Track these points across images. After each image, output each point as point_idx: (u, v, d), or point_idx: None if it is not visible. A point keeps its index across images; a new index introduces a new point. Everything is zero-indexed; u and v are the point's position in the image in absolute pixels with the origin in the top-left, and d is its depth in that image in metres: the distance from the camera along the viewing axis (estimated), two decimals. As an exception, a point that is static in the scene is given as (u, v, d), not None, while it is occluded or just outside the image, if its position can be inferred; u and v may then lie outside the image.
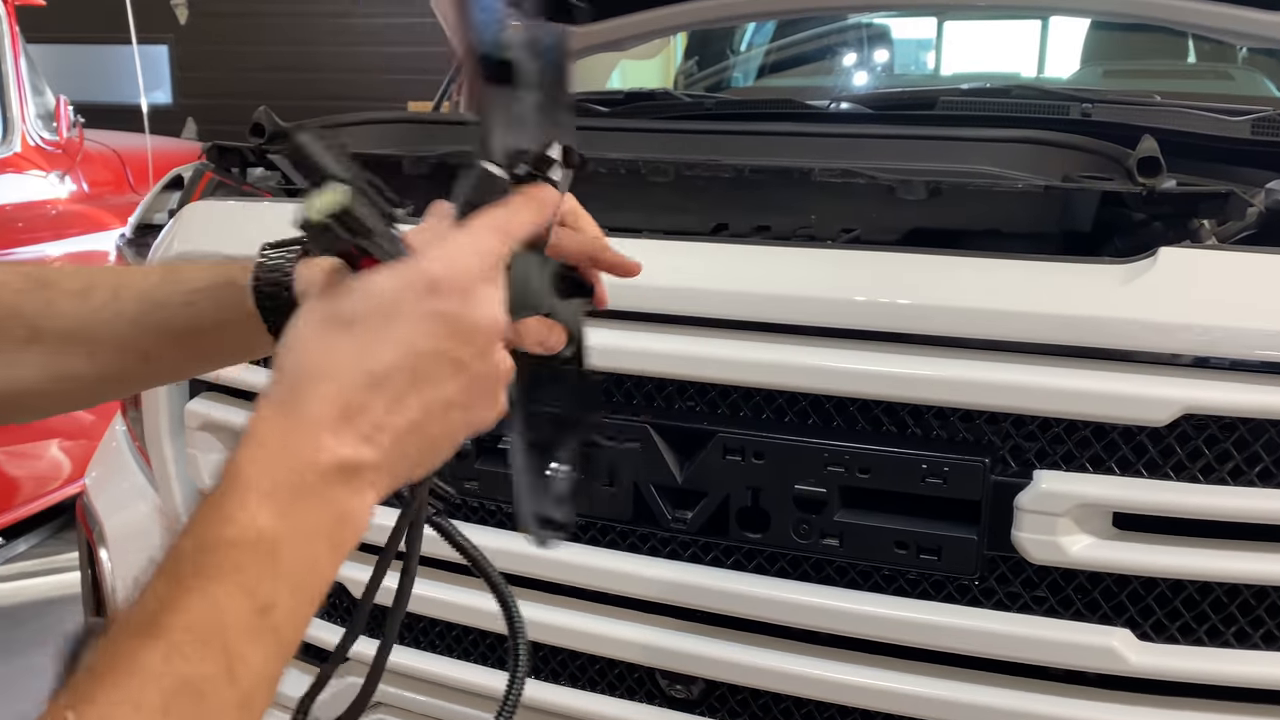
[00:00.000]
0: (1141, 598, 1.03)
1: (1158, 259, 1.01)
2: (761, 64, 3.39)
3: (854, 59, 3.33)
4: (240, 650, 0.51)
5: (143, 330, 0.79)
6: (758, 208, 1.32)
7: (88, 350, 0.79)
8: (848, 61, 3.33)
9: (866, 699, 1.10)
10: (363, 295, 0.59)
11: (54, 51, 6.44)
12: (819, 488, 1.07)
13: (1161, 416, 0.97)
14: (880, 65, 3.50)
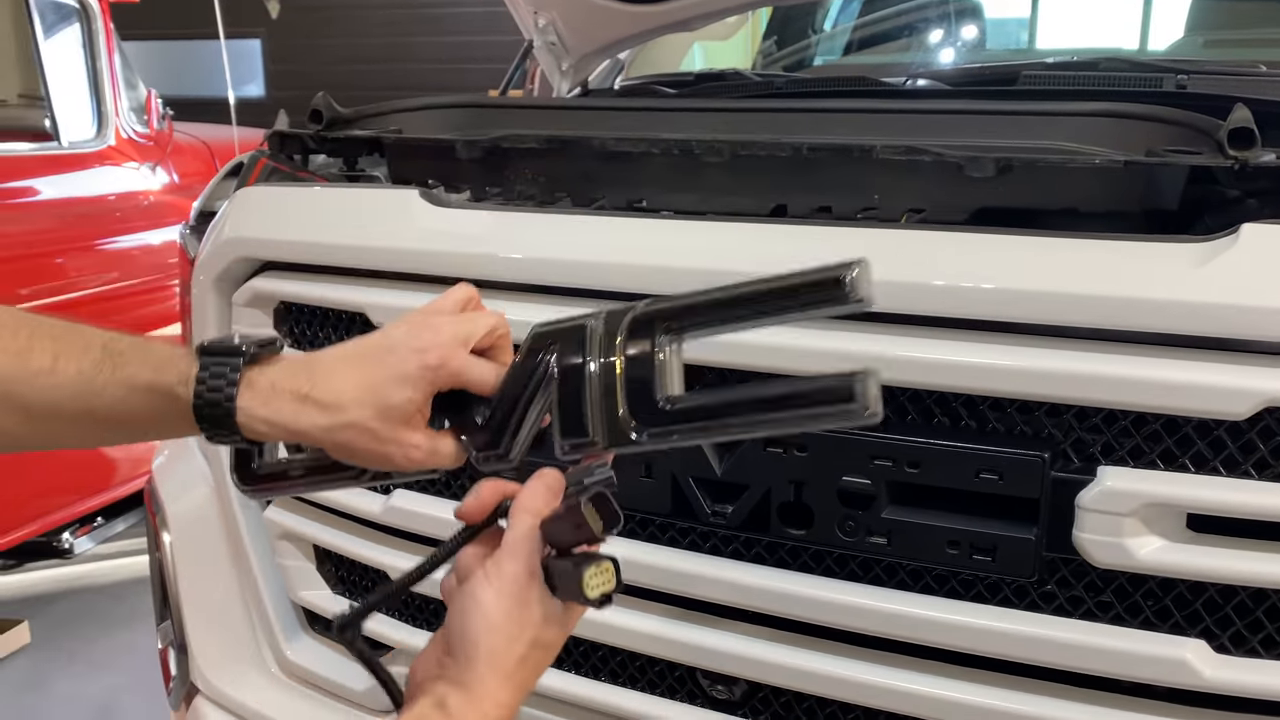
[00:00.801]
0: (1219, 607, 0.95)
1: (1240, 236, 0.92)
2: (847, 41, 3.29)
3: (941, 35, 3.21)
4: None
5: (75, 410, 0.84)
6: (818, 188, 1.26)
7: (23, 414, 0.83)
8: (934, 38, 3.21)
9: (914, 706, 1.04)
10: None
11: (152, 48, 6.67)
12: (865, 482, 1.01)
13: (1242, 409, 0.89)
14: (969, 41, 3.37)
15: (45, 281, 3.22)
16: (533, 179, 1.39)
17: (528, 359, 0.89)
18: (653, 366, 0.83)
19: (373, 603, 0.92)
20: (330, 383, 0.85)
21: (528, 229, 1.20)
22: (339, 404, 0.84)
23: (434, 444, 0.88)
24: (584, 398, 0.85)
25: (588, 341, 0.86)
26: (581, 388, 0.85)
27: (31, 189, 3.27)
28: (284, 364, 0.87)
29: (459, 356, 0.87)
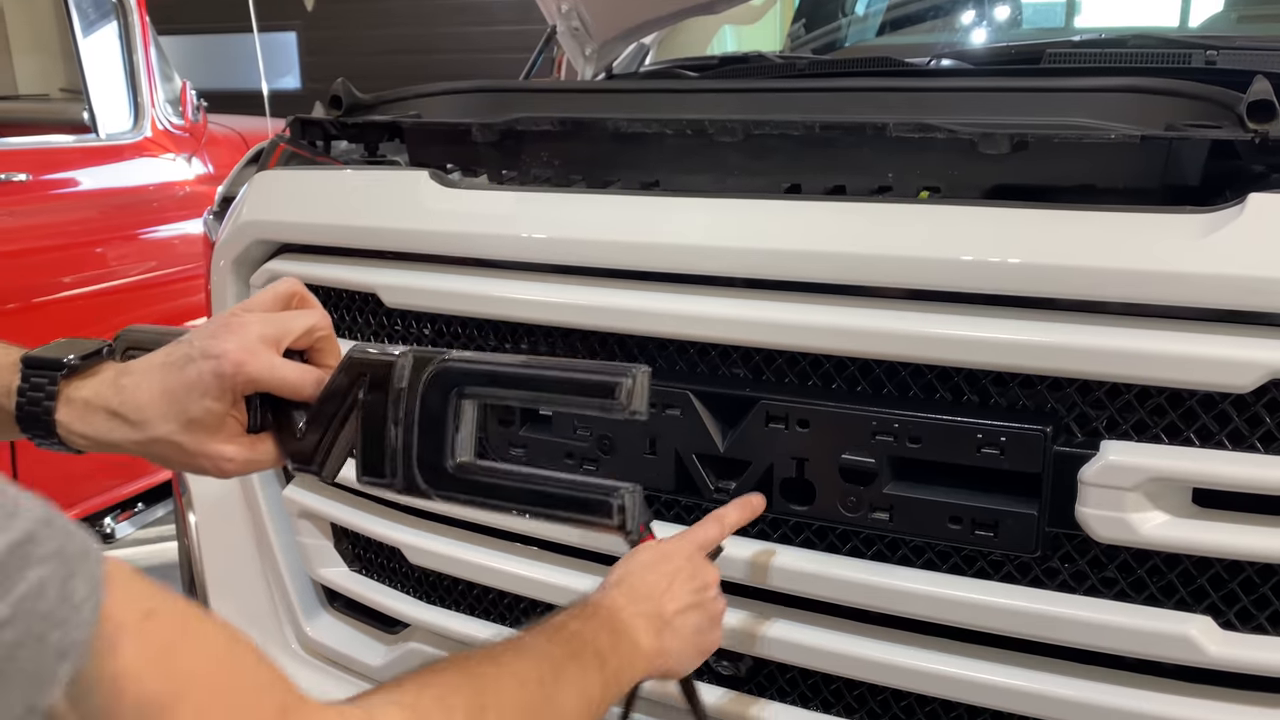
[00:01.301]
0: (1225, 583, 0.94)
1: (1245, 206, 0.90)
2: (880, 23, 3.26)
3: (973, 15, 3.16)
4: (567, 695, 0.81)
5: None
6: (831, 167, 1.25)
7: None
8: (966, 18, 3.17)
9: (918, 682, 1.04)
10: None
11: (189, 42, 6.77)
12: (867, 458, 1.01)
13: (1246, 381, 0.87)
14: (1003, 21, 3.32)
15: (86, 270, 3.28)
16: (548, 162, 1.39)
17: (340, 383, 0.91)
18: (445, 427, 0.89)
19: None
20: (136, 397, 0.86)
21: (532, 208, 1.21)
22: (144, 420, 0.86)
23: (250, 453, 0.90)
24: (385, 440, 0.90)
25: (393, 383, 0.90)
26: (384, 430, 0.90)
27: (72, 180, 3.34)
28: (100, 377, 0.89)
29: (259, 361, 0.87)
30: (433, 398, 0.88)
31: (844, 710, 1.13)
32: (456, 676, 0.73)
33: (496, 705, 0.73)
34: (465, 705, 0.70)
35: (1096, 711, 0.96)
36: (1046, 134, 1.10)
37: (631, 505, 0.90)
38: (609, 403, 0.86)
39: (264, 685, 0.58)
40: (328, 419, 0.91)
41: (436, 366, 0.89)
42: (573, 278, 1.16)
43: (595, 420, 1.13)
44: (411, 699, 0.68)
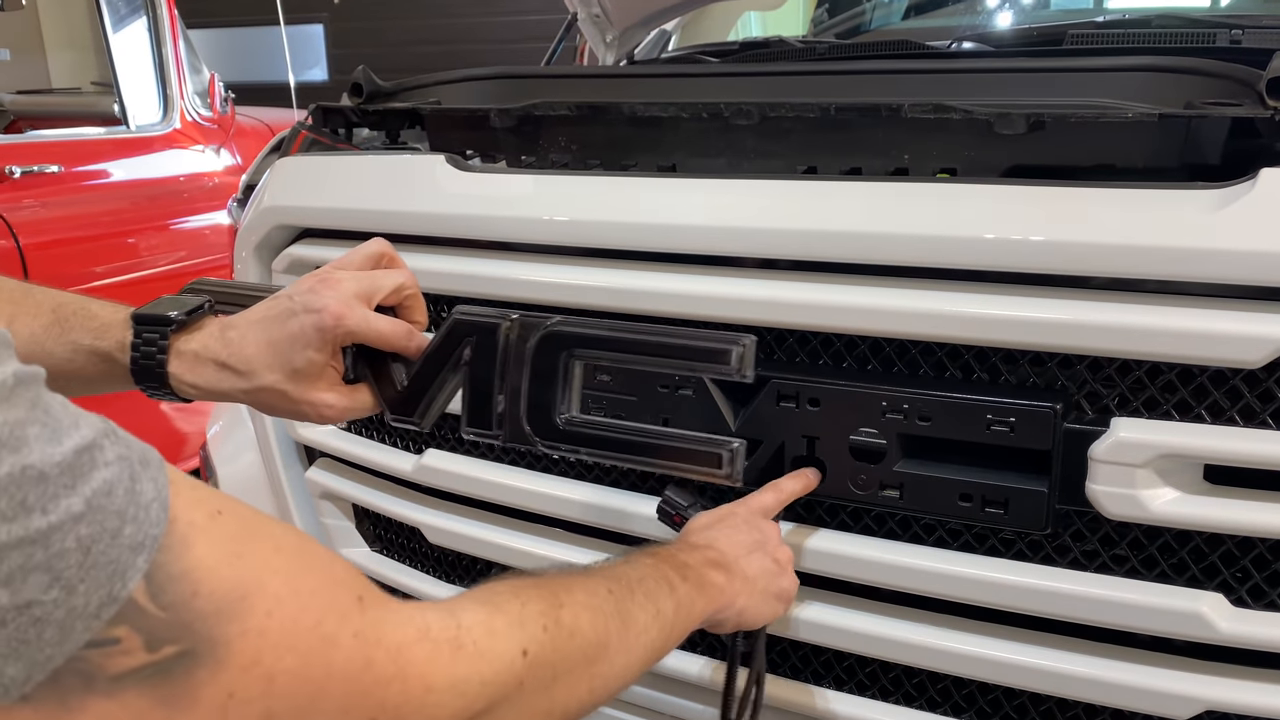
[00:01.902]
0: (1236, 559, 0.93)
1: (1258, 181, 0.90)
2: (906, 6, 3.23)
3: (1000, -1, 3.13)
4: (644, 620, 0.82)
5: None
6: (847, 149, 1.25)
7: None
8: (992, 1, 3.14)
9: (929, 659, 1.04)
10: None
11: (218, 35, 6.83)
12: (877, 436, 1.01)
13: (1257, 357, 0.87)
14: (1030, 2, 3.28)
15: (118, 260, 3.34)
16: (566, 146, 1.40)
17: (445, 343, 0.97)
18: (555, 384, 0.95)
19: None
20: (243, 349, 0.92)
21: (546, 191, 1.22)
22: (251, 369, 0.92)
23: (349, 401, 0.96)
24: (492, 395, 0.96)
25: (500, 344, 0.96)
26: (491, 386, 0.96)
27: (103, 171, 3.39)
28: (206, 331, 0.95)
29: (355, 314, 0.93)
30: (542, 358, 0.94)
31: (856, 687, 1.13)
32: (529, 581, 0.75)
33: (570, 604, 0.73)
34: (540, 600, 0.71)
35: (1107, 688, 0.97)
36: (1063, 114, 1.10)
37: (739, 457, 0.96)
38: (722, 367, 0.94)
39: (339, 578, 0.59)
40: (428, 377, 0.97)
41: (546, 329, 0.94)
42: (587, 259, 1.17)
43: (609, 401, 1.14)
44: (488, 595, 0.69)
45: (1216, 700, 0.93)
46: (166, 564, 0.50)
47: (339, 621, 0.56)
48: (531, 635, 0.68)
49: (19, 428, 0.46)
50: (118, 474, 0.50)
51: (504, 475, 1.25)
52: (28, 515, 0.45)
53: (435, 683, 0.60)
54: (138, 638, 0.49)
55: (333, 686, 0.55)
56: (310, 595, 0.56)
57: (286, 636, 0.54)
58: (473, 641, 0.63)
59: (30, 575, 0.45)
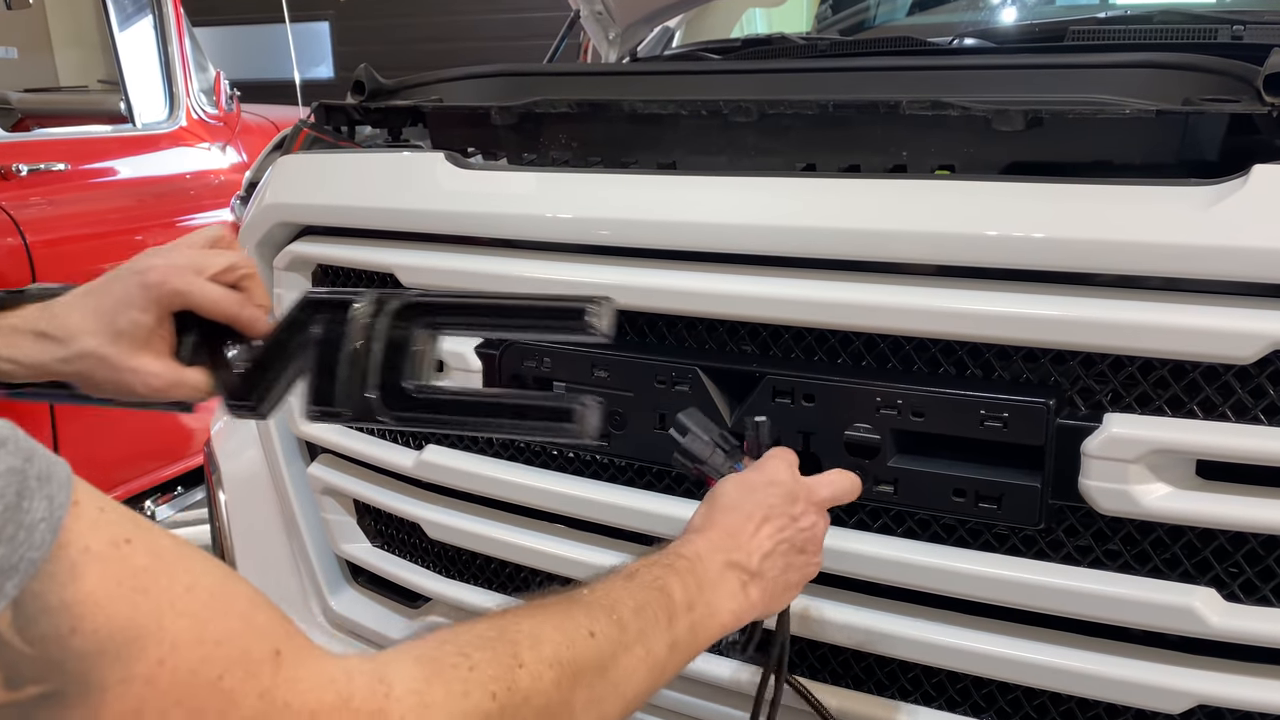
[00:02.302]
0: (1228, 554, 0.94)
1: (1250, 178, 0.90)
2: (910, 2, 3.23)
3: (1005, -8, 3.12)
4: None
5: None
6: (846, 146, 1.26)
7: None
8: (996, -3, 3.13)
9: (922, 653, 1.05)
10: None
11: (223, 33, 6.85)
12: (871, 431, 1.02)
13: (1248, 352, 0.87)
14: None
15: (124, 257, 3.35)
16: (566, 144, 1.41)
17: (294, 323, 0.92)
18: (407, 354, 0.89)
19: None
20: (65, 319, 0.89)
21: (544, 188, 1.22)
22: (71, 335, 0.88)
23: (177, 375, 0.91)
24: (338, 371, 0.90)
25: (351, 319, 0.90)
26: (336, 361, 0.90)
27: (109, 169, 3.41)
28: (29, 308, 0.91)
29: (183, 277, 0.90)
30: (396, 329, 0.89)
31: (853, 682, 1.14)
32: (489, 630, 0.65)
33: (533, 662, 0.64)
34: (494, 661, 0.62)
35: (1101, 682, 0.97)
36: (1061, 110, 1.10)
37: (591, 413, 0.88)
38: (578, 324, 0.87)
39: (258, 626, 0.53)
40: (274, 356, 0.92)
41: (402, 300, 0.90)
42: (584, 256, 1.18)
43: (606, 396, 1.14)
44: (433, 651, 0.61)
45: (1209, 695, 0.93)
46: (43, 593, 0.45)
47: (245, 677, 0.50)
48: (476, 705, 0.59)
49: None
50: (2, 488, 0.45)
51: (504, 471, 1.26)
52: None
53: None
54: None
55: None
56: (216, 644, 0.50)
57: (179, 688, 0.48)
58: (400, 716, 0.55)
59: None
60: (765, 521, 0.89)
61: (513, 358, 1.20)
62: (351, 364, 0.89)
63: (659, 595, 0.79)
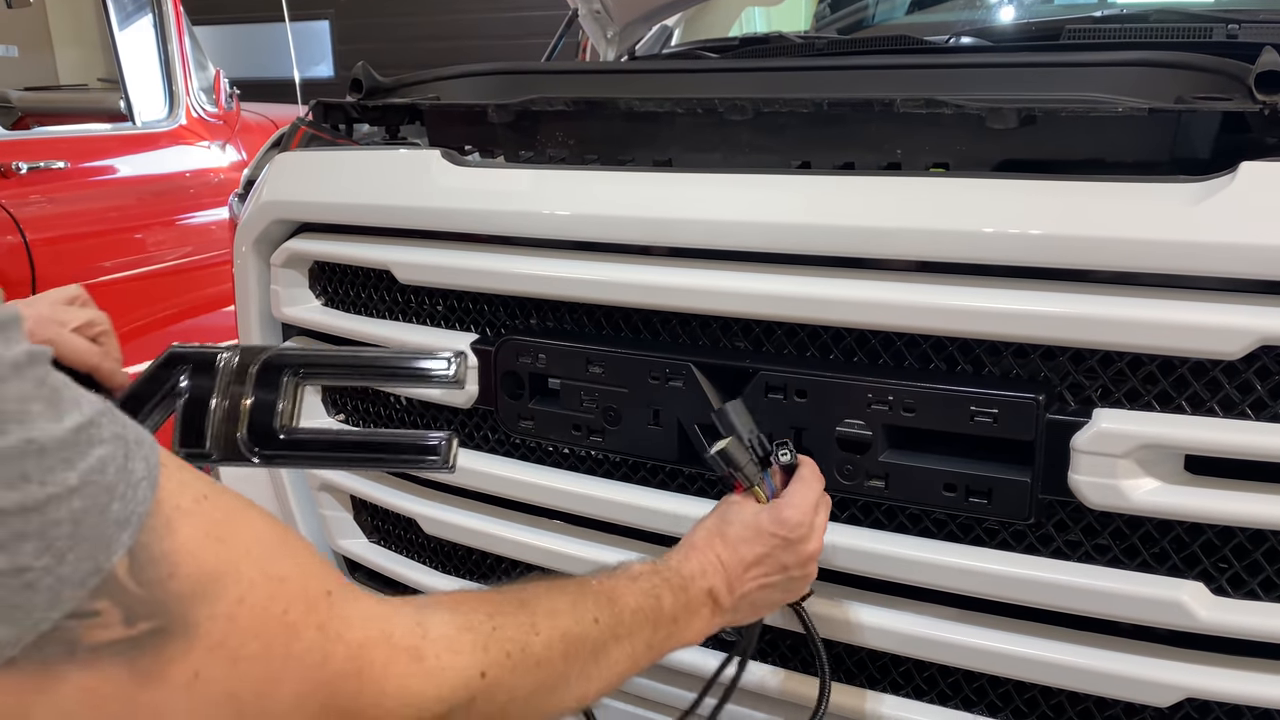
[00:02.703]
0: (1216, 548, 0.94)
1: (1237, 175, 0.91)
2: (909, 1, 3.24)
3: (1002, -9, 3.13)
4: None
5: None
6: (840, 144, 1.26)
7: None
8: (993, -5, 3.14)
9: (913, 647, 1.05)
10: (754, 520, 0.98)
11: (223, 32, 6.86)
12: (863, 426, 1.02)
13: (1236, 348, 0.88)
14: (1032, -2, 3.28)
15: (124, 255, 3.36)
16: (563, 142, 1.42)
17: (159, 372, 0.98)
18: (277, 400, 0.96)
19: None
20: None
21: (539, 185, 1.23)
22: None
23: None
24: (207, 416, 0.96)
25: (220, 370, 0.97)
26: (205, 407, 0.96)
27: (109, 167, 3.42)
28: None
29: (49, 329, 0.99)
30: (263, 377, 0.96)
31: (844, 676, 1.15)
32: (514, 598, 0.76)
33: (548, 631, 0.75)
34: (516, 625, 0.72)
35: (1089, 675, 0.98)
36: (1054, 108, 1.11)
37: (452, 446, 0.96)
38: (434, 378, 0.98)
39: (312, 570, 0.61)
40: (137, 405, 0.98)
41: (269, 354, 0.98)
42: (579, 253, 1.19)
43: (601, 392, 1.16)
44: (465, 607, 0.71)
45: (1196, 687, 0.94)
46: (149, 544, 0.53)
47: (305, 612, 0.58)
48: (494, 659, 0.69)
49: (25, 403, 0.49)
50: (112, 451, 0.52)
51: (500, 467, 1.27)
52: (26, 485, 0.48)
53: (388, 688, 0.62)
54: (117, 612, 0.51)
55: (290, 674, 0.57)
56: (281, 584, 0.58)
57: (254, 623, 0.56)
58: (435, 655, 0.65)
59: (25, 542, 0.48)
60: (757, 565, 0.96)
61: (508, 354, 1.21)
62: (221, 410, 0.96)
63: (653, 602, 0.88)
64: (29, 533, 0.48)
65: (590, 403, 1.17)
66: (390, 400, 1.41)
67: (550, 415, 1.20)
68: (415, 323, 1.35)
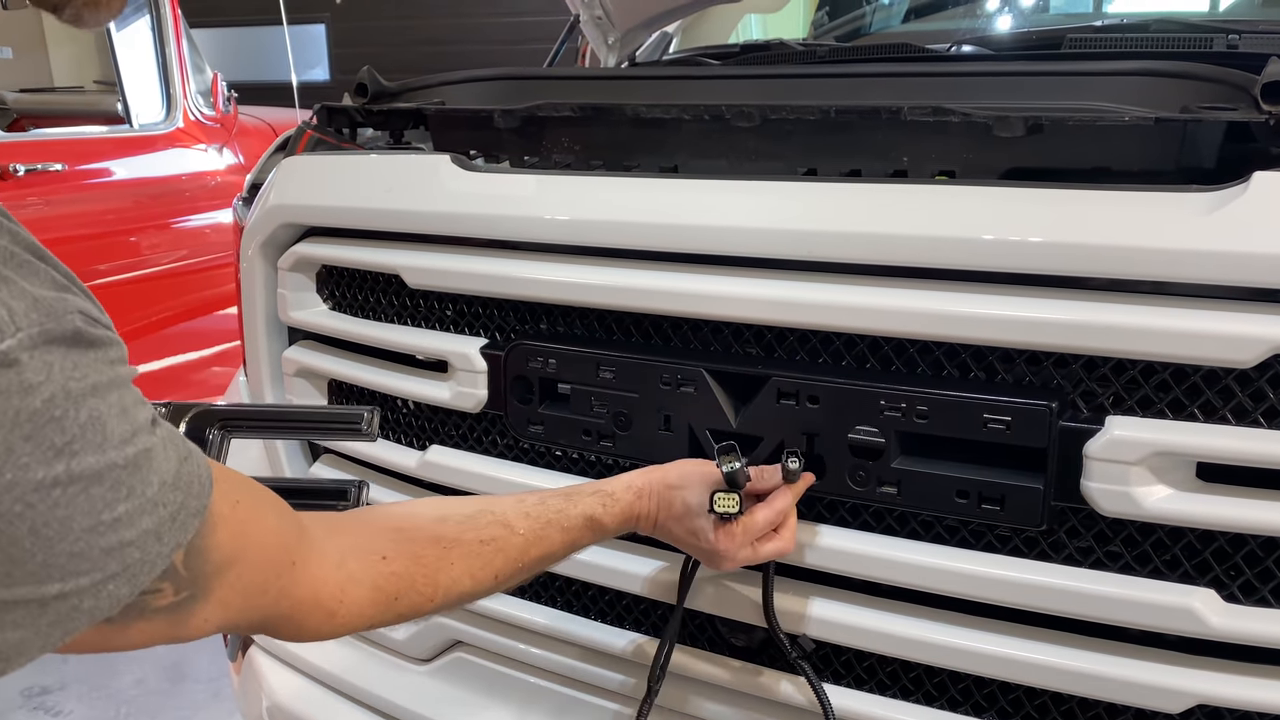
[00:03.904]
0: (1228, 556, 0.95)
1: (1250, 184, 0.91)
2: (906, 10, 3.25)
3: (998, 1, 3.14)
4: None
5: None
6: (847, 151, 1.26)
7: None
8: (992, 4, 3.16)
9: (924, 653, 1.06)
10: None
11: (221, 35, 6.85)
12: (875, 433, 1.03)
13: (1248, 357, 0.89)
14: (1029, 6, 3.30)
15: (121, 258, 3.36)
16: (569, 147, 1.42)
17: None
18: (204, 451, 1.01)
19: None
20: None
21: (548, 190, 1.23)
22: None
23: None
24: None
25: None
26: None
27: (106, 170, 3.41)
28: None
29: None
30: (191, 432, 1.03)
31: (854, 682, 1.15)
32: (429, 558, 0.90)
33: (444, 597, 0.90)
34: (416, 595, 0.88)
35: (1101, 682, 0.98)
36: (1061, 117, 1.11)
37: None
38: (351, 431, 1.07)
39: (290, 545, 0.78)
40: None
41: (197, 410, 1.04)
42: (589, 258, 1.19)
43: (611, 397, 1.16)
44: (385, 569, 0.86)
45: (1208, 694, 0.94)
46: (196, 541, 0.67)
47: (275, 578, 0.77)
48: (385, 615, 0.86)
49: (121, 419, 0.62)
50: (179, 443, 0.66)
51: (505, 470, 1.27)
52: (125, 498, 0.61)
53: (305, 625, 0.80)
54: (171, 588, 0.68)
55: (254, 613, 0.76)
56: (269, 564, 0.76)
57: (245, 587, 0.73)
58: (344, 614, 0.83)
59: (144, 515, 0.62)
60: (672, 536, 1.07)
61: (517, 358, 1.21)
62: None
63: (566, 550, 1.01)
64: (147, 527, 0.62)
65: (600, 408, 1.17)
66: (399, 404, 1.41)
67: (560, 420, 1.20)
68: (424, 327, 1.35)
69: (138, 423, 0.61)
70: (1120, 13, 2.75)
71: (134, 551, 0.61)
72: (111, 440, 0.58)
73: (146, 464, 0.61)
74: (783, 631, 1.10)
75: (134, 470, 0.60)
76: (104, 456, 0.58)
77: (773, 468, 1.06)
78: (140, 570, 0.62)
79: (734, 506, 1.01)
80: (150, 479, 0.61)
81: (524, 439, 1.25)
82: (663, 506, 1.04)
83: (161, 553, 0.63)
